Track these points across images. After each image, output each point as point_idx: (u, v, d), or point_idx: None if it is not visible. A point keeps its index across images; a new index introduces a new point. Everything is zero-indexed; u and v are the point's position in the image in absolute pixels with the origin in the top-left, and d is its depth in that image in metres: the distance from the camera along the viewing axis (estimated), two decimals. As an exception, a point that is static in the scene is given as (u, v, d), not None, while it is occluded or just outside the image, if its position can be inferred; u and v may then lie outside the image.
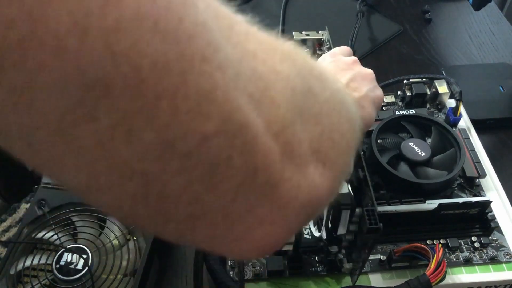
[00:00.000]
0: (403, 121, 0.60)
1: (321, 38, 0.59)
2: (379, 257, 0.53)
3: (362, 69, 0.49)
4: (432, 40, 0.90)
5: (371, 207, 0.44)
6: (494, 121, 0.73)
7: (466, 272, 0.53)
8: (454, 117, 0.64)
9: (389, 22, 0.93)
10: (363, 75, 0.48)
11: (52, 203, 0.55)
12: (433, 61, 0.86)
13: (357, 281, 0.51)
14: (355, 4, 0.91)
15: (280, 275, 0.52)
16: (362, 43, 0.87)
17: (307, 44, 0.60)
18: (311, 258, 0.53)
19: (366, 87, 0.47)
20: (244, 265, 0.52)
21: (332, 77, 0.34)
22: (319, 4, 0.97)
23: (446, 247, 0.54)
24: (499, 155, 0.70)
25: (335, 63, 0.49)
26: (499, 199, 0.58)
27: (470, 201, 0.54)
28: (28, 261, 0.51)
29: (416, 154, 0.56)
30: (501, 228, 0.56)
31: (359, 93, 0.46)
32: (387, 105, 0.68)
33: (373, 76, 0.49)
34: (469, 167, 0.59)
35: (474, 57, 0.87)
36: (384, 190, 0.55)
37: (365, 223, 0.43)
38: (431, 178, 0.54)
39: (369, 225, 0.43)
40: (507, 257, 0.53)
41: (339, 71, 0.47)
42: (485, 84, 0.78)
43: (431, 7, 0.95)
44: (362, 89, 0.46)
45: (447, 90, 0.67)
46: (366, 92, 0.46)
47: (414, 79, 0.68)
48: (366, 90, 0.46)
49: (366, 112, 0.45)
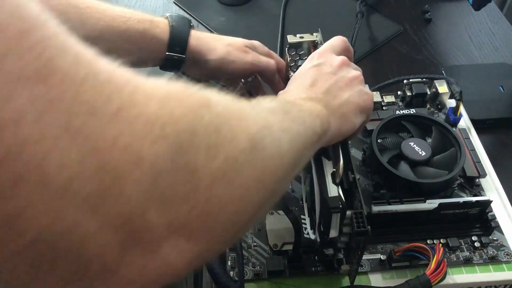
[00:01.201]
0: (404, 121, 0.61)
1: (315, 40, 0.59)
2: (379, 257, 0.53)
3: (349, 72, 0.48)
4: (432, 40, 0.90)
5: (360, 210, 0.44)
6: (494, 121, 0.73)
7: (466, 272, 0.53)
8: (454, 117, 0.64)
9: (389, 22, 0.93)
10: (347, 79, 0.47)
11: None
12: (433, 61, 0.86)
13: (356, 281, 0.51)
14: (355, 4, 0.91)
15: (280, 275, 0.52)
16: (362, 43, 0.87)
17: (303, 46, 0.60)
18: (311, 258, 0.53)
19: (348, 93, 0.46)
20: (244, 265, 0.52)
21: (261, 124, 0.32)
22: (319, 4, 0.97)
23: (446, 246, 0.54)
24: (499, 155, 0.70)
25: (318, 68, 0.48)
26: (499, 199, 0.58)
27: (470, 201, 0.54)
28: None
29: (417, 153, 0.56)
30: (501, 228, 0.56)
31: (338, 100, 0.45)
32: (387, 105, 0.68)
33: (360, 79, 0.48)
34: (469, 167, 0.59)
35: (474, 57, 0.87)
36: (384, 189, 0.55)
37: (353, 226, 0.43)
38: (432, 177, 0.54)
39: (357, 228, 0.43)
40: (507, 257, 0.53)
41: (320, 78, 0.47)
42: (485, 84, 0.78)
43: (431, 7, 0.95)
44: (342, 95, 0.46)
45: (447, 90, 0.67)
46: (347, 98, 0.46)
47: (414, 79, 0.68)
48: (347, 96, 0.46)
49: (344, 120, 0.45)
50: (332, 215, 0.44)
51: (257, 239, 0.55)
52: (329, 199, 0.44)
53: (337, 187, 0.45)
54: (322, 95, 0.45)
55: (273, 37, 0.86)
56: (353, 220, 0.43)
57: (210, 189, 0.26)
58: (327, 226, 0.46)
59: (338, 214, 0.44)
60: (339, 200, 0.44)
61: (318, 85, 0.46)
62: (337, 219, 0.45)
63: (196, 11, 0.95)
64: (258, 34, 0.88)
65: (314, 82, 0.46)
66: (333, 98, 0.45)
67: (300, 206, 0.58)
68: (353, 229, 0.44)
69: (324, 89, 0.45)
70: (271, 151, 0.32)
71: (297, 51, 0.60)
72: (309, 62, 0.50)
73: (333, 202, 0.44)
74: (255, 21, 0.91)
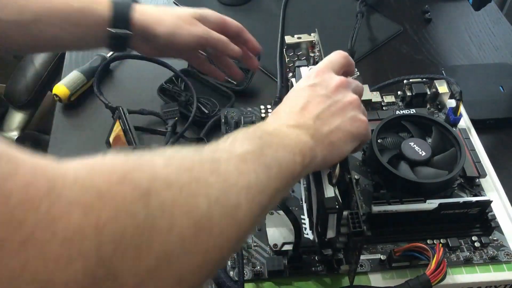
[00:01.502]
0: (404, 121, 0.60)
1: (313, 40, 0.59)
2: (379, 257, 0.53)
3: (345, 95, 0.45)
4: (432, 40, 0.90)
5: (355, 211, 0.44)
6: (494, 121, 0.73)
7: (466, 272, 0.53)
8: (454, 117, 0.64)
9: (389, 22, 0.93)
10: (341, 104, 0.45)
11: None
12: (433, 61, 0.86)
13: (356, 281, 0.51)
14: (355, 4, 0.91)
15: (280, 275, 0.52)
16: (362, 43, 0.87)
17: (301, 46, 0.60)
18: (311, 258, 0.53)
19: (340, 119, 0.44)
20: (244, 265, 0.52)
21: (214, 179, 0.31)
22: (319, 4, 0.97)
23: (446, 246, 0.54)
24: (499, 155, 0.70)
25: (313, 89, 0.45)
26: (499, 199, 0.58)
27: (470, 201, 0.54)
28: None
29: (417, 153, 0.56)
30: (501, 228, 0.55)
31: (328, 127, 0.43)
32: (387, 105, 0.68)
33: (356, 103, 0.46)
34: (470, 167, 0.59)
35: (474, 57, 0.87)
36: (384, 189, 0.55)
37: (349, 226, 0.43)
38: (432, 177, 0.54)
39: (353, 229, 0.43)
40: (507, 257, 0.53)
41: (313, 100, 0.44)
42: (485, 84, 0.78)
43: (431, 7, 0.95)
44: (333, 122, 0.43)
45: (447, 90, 0.66)
46: (338, 125, 0.44)
47: (414, 79, 0.68)
48: (339, 123, 0.44)
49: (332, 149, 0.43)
50: (328, 216, 0.44)
51: (257, 239, 0.55)
52: (326, 200, 0.44)
53: (333, 187, 0.45)
54: (311, 121, 0.43)
55: (273, 37, 0.86)
56: (349, 221, 0.43)
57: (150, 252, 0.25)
58: (325, 227, 0.46)
59: (334, 214, 0.44)
60: (336, 201, 0.44)
61: (309, 109, 0.44)
62: (333, 220, 0.45)
63: (196, 11, 0.95)
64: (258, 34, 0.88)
65: (305, 105, 0.44)
66: (323, 125, 0.43)
67: (300, 206, 0.58)
68: (349, 229, 0.44)
69: (315, 114, 0.43)
70: (225, 223, 0.30)
71: (295, 52, 0.60)
72: (305, 81, 0.47)
73: (329, 203, 0.44)
74: (255, 21, 0.91)
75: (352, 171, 0.48)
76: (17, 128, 1.12)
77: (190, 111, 0.72)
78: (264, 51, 0.72)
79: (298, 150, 0.40)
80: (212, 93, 0.78)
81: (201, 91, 0.77)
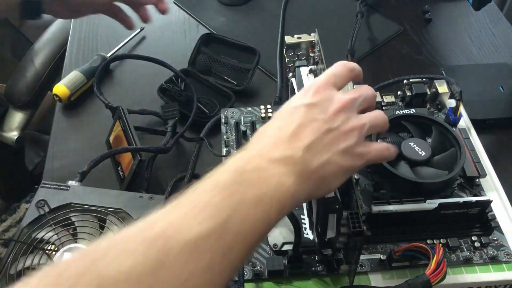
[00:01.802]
0: (404, 121, 0.60)
1: (313, 40, 0.59)
2: (379, 257, 0.53)
3: (346, 121, 0.39)
4: (432, 40, 0.90)
5: (355, 210, 0.44)
6: (494, 121, 0.73)
7: (466, 272, 0.53)
8: (454, 117, 0.64)
9: (389, 22, 0.93)
10: (339, 133, 0.39)
11: (52, 203, 0.55)
12: (433, 61, 0.86)
13: (356, 281, 0.51)
14: (355, 4, 0.91)
15: (280, 275, 0.52)
16: (362, 43, 0.87)
17: (301, 46, 0.60)
18: (311, 258, 0.53)
19: (334, 150, 0.38)
20: (244, 265, 0.52)
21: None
22: (319, 4, 0.97)
23: (446, 246, 0.54)
24: (499, 155, 0.70)
25: (309, 111, 0.39)
26: (499, 199, 0.58)
27: (470, 201, 0.54)
28: (28, 261, 0.51)
29: (417, 153, 0.56)
30: (501, 228, 0.56)
31: (318, 160, 0.38)
32: (387, 105, 0.68)
33: (360, 129, 0.40)
34: (469, 167, 0.59)
35: (474, 57, 0.87)
36: (384, 189, 0.55)
37: (349, 226, 0.43)
38: (432, 177, 0.54)
39: (353, 229, 0.43)
40: (507, 257, 0.53)
41: (307, 124, 0.39)
42: (485, 84, 0.78)
43: (431, 7, 0.95)
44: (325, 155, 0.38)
45: (447, 90, 0.66)
46: (329, 158, 0.38)
47: (414, 79, 0.68)
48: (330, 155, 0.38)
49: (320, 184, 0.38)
50: (328, 216, 0.44)
51: (257, 239, 0.55)
52: (326, 200, 0.44)
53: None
54: (300, 152, 0.37)
55: (273, 37, 0.86)
56: (349, 221, 0.43)
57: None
58: (325, 227, 0.46)
59: (334, 214, 0.44)
60: (336, 201, 0.44)
61: (301, 136, 0.38)
62: (333, 220, 0.45)
63: (196, 11, 0.95)
64: (258, 34, 0.88)
65: (297, 130, 0.38)
66: (313, 158, 0.38)
67: (300, 206, 0.58)
68: (349, 229, 0.44)
69: (306, 144, 0.38)
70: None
71: (295, 52, 0.60)
72: (301, 97, 0.41)
73: (329, 203, 0.44)
74: (255, 21, 0.91)
75: (352, 171, 0.48)
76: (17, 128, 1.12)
77: (190, 111, 0.72)
78: (264, 51, 0.72)
79: (276, 200, 0.35)
80: (212, 93, 0.78)
81: (201, 91, 0.77)
